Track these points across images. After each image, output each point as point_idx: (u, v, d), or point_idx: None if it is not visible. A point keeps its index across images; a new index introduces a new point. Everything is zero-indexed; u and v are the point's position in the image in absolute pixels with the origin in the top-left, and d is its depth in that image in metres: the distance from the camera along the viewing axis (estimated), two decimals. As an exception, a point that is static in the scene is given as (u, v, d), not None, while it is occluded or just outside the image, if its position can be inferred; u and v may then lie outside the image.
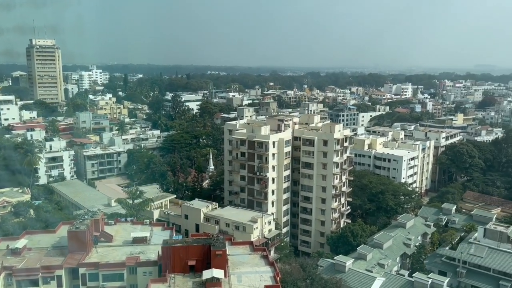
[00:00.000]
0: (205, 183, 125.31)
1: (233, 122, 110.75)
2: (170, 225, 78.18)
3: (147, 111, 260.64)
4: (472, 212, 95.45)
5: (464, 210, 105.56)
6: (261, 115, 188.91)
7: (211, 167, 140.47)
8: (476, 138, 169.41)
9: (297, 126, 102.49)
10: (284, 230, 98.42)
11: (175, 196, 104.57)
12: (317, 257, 77.70)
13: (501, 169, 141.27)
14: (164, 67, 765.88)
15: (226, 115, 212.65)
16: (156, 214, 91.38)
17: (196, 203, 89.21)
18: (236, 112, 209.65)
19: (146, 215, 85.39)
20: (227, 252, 53.83)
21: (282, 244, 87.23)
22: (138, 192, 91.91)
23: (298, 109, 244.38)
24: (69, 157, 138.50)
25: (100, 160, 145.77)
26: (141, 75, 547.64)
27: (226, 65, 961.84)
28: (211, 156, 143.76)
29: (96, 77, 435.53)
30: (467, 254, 71.98)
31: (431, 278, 62.33)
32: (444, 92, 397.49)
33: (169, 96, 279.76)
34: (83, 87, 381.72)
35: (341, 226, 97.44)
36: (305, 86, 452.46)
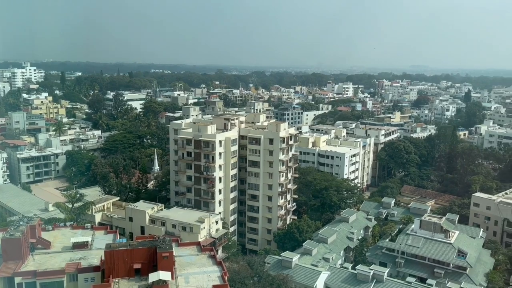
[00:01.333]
0: (150, 184, 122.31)
1: (179, 121, 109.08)
2: (113, 229, 75.46)
3: (87, 110, 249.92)
4: (409, 205, 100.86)
5: (402, 204, 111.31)
6: (207, 114, 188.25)
7: (156, 167, 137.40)
8: (412, 135, 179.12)
9: (243, 125, 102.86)
10: (232, 229, 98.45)
11: (118, 198, 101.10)
12: (264, 254, 78.49)
13: (434, 163, 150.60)
14: (105, 64, 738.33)
15: (171, 114, 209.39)
16: (98, 217, 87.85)
17: (141, 204, 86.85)
18: (181, 111, 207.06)
19: (87, 219, 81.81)
20: (174, 254, 52.82)
21: (229, 243, 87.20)
22: (78, 195, 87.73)
23: (244, 108, 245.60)
24: (1, 160, 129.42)
25: (36, 162, 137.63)
26: (80, 73, 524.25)
27: (171, 63, 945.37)
28: (156, 156, 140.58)
29: (30, 75, 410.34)
30: (405, 245, 75.94)
31: (372, 270, 65.06)
32: (382, 91, 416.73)
33: (110, 95, 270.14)
34: (16, 86, 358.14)
35: (288, 222, 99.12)
36: (251, 85, 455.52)
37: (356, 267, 67.25)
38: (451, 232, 77.30)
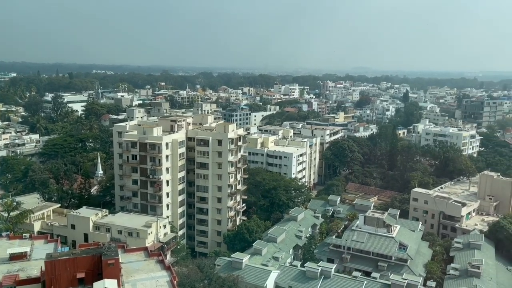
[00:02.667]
0: (94, 190, 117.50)
1: (123, 124, 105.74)
2: (54, 237, 71.60)
3: (23, 113, 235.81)
4: (354, 202, 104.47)
5: (347, 201, 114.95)
6: (153, 116, 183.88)
7: (100, 172, 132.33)
8: (355, 134, 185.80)
9: (190, 127, 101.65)
10: (180, 232, 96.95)
11: (59, 205, 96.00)
12: (214, 256, 78.02)
13: (376, 161, 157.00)
14: (42, 65, 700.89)
15: (115, 117, 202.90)
16: (37, 226, 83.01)
17: (84, 211, 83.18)
18: (125, 113, 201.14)
19: (25, 228, 77.04)
20: (120, 260, 51.10)
21: (178, 247, 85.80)
22: (15, 203, 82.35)
23: (192, 109, 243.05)
24: None
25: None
26: (15, 74, 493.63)
27: (114, 64, 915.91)
28: (99, 160, 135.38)
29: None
30: (351, 240, 78.57)
31: (320, 266, 66.68)
32: (327, 92, 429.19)
33: (49, 96, 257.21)
34: None
35: (237, 223, 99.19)
36: (198, 86, 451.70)
37: (305, 265, 68.62)
38: (393, 227, 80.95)
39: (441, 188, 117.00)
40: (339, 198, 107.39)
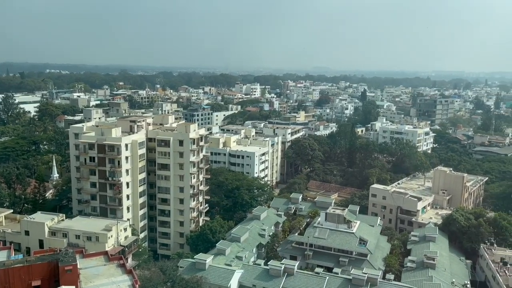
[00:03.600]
0: (49, 194, 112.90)
1: (80, 125, 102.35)
2: (7, 244, 68.23)
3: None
4: (315, 199, 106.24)
5: (309, 198, 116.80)
6: (111, 117, 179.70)
7: (55, 175, 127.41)
8: (315, 133, 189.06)
9: (151, 127, 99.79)
10: (142, 235, 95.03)
11: (11, 211, 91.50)
12: (177, 258, 77.06)
13: (336, 159, 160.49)
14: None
15: (71, 118, 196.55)
16: (-13, 234, 78.72)
17: (39, 216, 79.71)
18: (82, 114, 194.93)
19: (-26, 237, 72.95)
20: (79, 266, 49.52)
21: (140, 250, 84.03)
22: (-38, 210, 77.92)
23: (152, 109, 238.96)
24: None
25: None
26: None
27: (69, 63, 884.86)
28: (54, 163, 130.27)
29: None
30: (313, 237, 79.84)
31: (283, 264, 67.34)
32: (288, 91, 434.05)
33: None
34: None
35: (200, 224, 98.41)
36: (158, 86, 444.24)
37: (268, 263, 69.06)
38: (353, 222, 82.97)
39: (398, 183, 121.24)
40: (301, 196, 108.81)
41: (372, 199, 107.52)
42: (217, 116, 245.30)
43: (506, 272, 73.13)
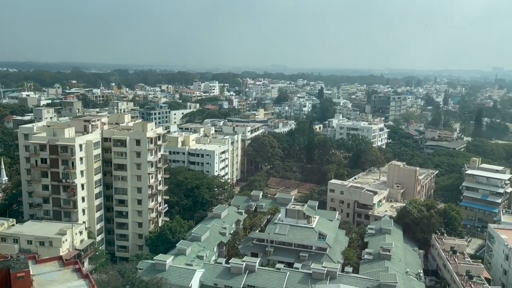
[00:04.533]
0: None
1: (30, 125, 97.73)
2: (-50, 254, 64.16)
3: None
4: (276, 196, 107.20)
5: (269, 195, 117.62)
6: (64, 116, 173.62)
7: (4, 178, 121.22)
8: (275, 130, 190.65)
9: (106, 127, 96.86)
10: (99, 238, 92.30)
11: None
12: (136, 260, 75.40)
13: (295, 156, 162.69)
14: None
15: (20, 118, 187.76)
16: None
17: (-14, 222, 75.55)
18: (32, 114, 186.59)
19: None
20: (32, 272, 47.40)
21: (97, 253, 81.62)
22: None
23: (107, 108, 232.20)
24: None
25: None
26: None
27: (17, 61, 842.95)
28: (2, 166, 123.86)
29: None
30: (273, 234, 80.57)
31: (245, 261, 67.50)
32: (247, 89, 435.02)
33: None
34: None
35: (159, 225, 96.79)
36: (113, 84, 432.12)
37: (229, 261, 69.02)
38: (312, 218, 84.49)
39: (355, 178, 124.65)
40: (262, 193, 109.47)
41: (331, 194, 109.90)
42: (175, 114, 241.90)
43: (456, 260, 76.99)
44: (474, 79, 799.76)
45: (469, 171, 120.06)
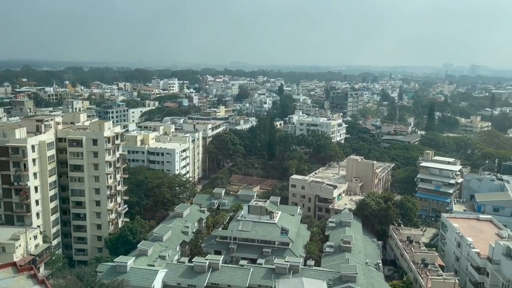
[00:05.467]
0: None
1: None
2: None
3: None
4: (238, 193, 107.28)
5: (231, 192, 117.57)
6: (15, 116, 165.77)
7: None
8: (236, 127, 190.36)
9: (60, 126, 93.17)
10: (55, 242, 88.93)
11: None
12: (96, 263, 73.27)
13: (257, 152, 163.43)
14: None
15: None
16: None
17: None
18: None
19: None
20: (-19, 282, 44.95)
21: (53, 257, 78.54)
22: None
23: (61, 107, 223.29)
24: None
25: None
26: None
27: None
28: None
29: None
30: (236, 231, 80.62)
31: (208, 260, 67.17)
32: (207, 86, 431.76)
33: None
34: None
35: (119, 226, 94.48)
36: (67, 82, 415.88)
37: (192, 260, 68.45)
38: (274, 213, 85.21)
39: (315, 173, 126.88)
40: (224, 191, 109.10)
41: (292, 190, 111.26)
42: (133, 113, 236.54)
43: (412, 249, 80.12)
44: (427, 75, 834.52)
45: (423, 164, 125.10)
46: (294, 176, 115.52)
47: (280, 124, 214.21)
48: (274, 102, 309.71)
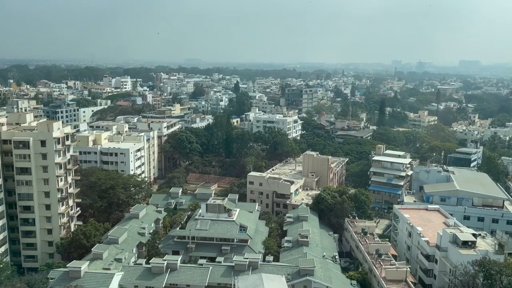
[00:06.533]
0: None
1: None
2: None
3: None
4: (196, 192, 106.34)
5: (189, 191, 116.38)
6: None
7: None
8: (192, 125, 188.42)
9: (5, 128, 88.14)
10: (2, 249, 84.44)
11: None
12: (47, 269, 70.16)
13: (214, 150, 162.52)
14: None
15: None
16: None
17: None
18: None
19: None
20: None
21: (0, 265, 74.42)
22: None
23: (5, 107, 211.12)
24: None
25: None
26: None
27: None
28: None
29: None
30: (194, 230, 79.92)
31: (166, 260, 66.12)
32: (161, 84, 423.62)
33: None
34: None
35: (72, 230, 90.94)
36: (11, 80, 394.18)
37: (150, 261, 67.15)
38: (233, 211, 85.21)
39: (273, 170, 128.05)
40: (181, 190, 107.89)
41: (250, 186, 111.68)
42: (84, 112, 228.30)
43: (366, 240, 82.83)
44: (377, 72, 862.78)
45: (375, 158, 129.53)
46: (252, 173, 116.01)
47: (237, 122, 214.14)
48: (230, 99, 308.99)
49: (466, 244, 68.41)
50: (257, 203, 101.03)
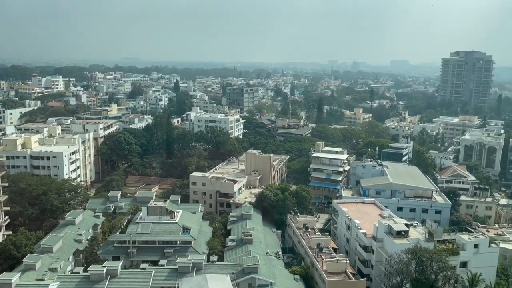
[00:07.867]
0: None
1: None
2: None
3: None
4: (136, 195, 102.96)
5: (128, 194, 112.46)
6: None
7: None
8: (131, 126, 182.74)
9: None
10: None
11: None
12: (-28, 285, 64.62)
13: (154, 151, 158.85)
14: None
15: None
16: None
17: None
18: None
19: None
20: None
21: None
22: None
23: None
24: None
25: None
26: None
27: None
28: None
29: None
30: (135, 234, 77.41)
31: (105, 267, 63.44)
32: (96, 84, 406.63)
33: None
34: None
35: (0, 240, 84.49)
36: None
37: (88, 269, 64.12)
38: (175, 212, 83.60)
39: (216, 169, 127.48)
40: (120, 193, 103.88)
41: (193, 187, 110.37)
42: (11, 114, 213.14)
43: (308, 235, 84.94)
44: (315, 71, 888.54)
45: (315, 154, 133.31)
46: (194, 174, 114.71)
47: (178, 122, 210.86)
48: (170, 99, 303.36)
49: (399, 234, 72.30)
50: (200, 204, 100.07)
